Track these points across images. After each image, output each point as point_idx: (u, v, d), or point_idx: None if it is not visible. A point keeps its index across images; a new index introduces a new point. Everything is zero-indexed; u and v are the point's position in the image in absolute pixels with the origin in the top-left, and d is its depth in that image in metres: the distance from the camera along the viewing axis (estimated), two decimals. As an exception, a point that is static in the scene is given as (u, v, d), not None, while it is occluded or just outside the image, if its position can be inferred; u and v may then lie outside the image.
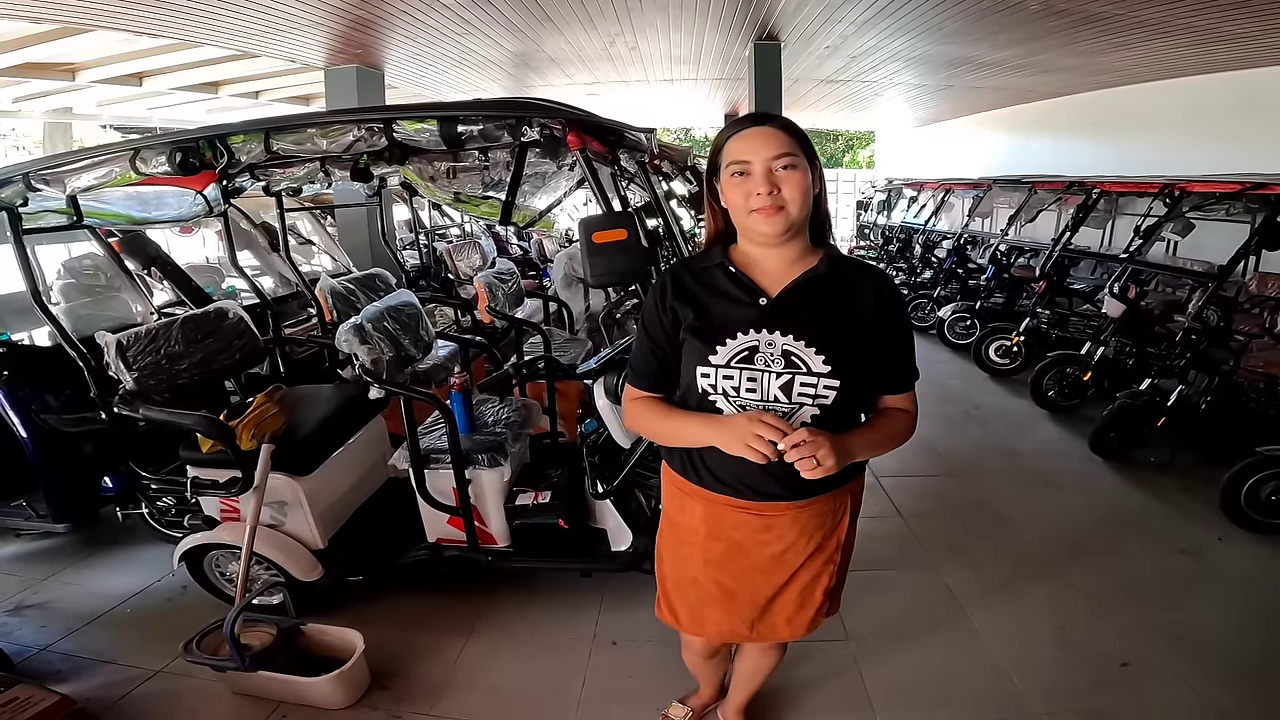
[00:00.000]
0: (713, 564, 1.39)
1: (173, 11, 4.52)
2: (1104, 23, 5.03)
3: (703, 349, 1.23)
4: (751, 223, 1.21)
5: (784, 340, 1.20)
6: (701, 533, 1.38)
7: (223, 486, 2.35)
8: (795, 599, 1.40)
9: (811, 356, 1.19)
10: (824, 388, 1.19)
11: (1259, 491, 3.03)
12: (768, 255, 1.27)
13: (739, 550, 1.36)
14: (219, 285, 4.81)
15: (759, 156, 1.18)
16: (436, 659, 2.33)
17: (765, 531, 1.33)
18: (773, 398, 1.21)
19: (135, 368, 2.36)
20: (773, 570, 1.37)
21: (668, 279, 1.32)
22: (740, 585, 1.39)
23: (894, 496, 3.44)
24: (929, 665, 2.28)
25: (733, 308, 1.25)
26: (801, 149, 1.20)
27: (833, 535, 1.37)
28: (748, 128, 1.21)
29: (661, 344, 1.31)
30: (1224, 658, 2.28)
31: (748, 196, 1.19)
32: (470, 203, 2.67)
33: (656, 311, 1.31)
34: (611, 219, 1.74)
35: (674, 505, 1.44)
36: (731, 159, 1.21)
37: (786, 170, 1.17)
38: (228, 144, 1.97)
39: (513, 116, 1.86)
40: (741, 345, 1.21)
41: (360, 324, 2.33)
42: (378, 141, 1.90)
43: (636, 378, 1.37)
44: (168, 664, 2.29)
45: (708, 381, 1.23)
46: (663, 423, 1.32)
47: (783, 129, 1.20)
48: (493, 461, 2.39)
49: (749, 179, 1.19)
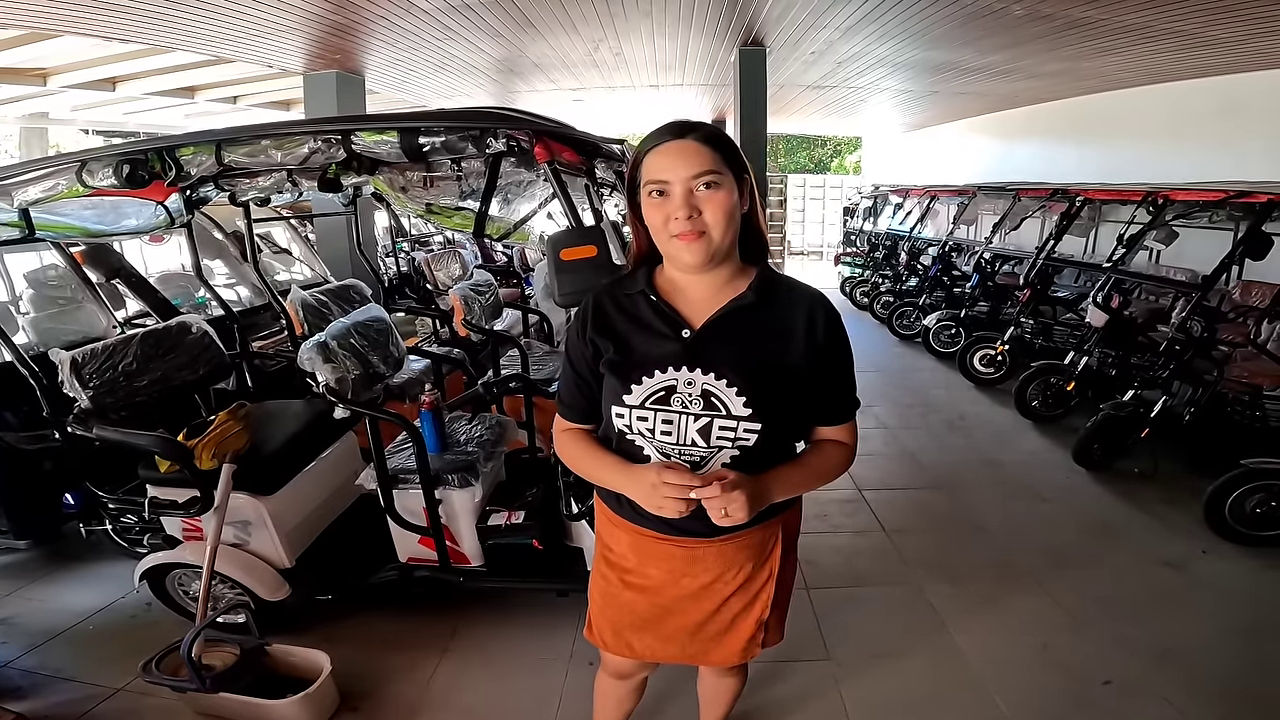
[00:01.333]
0: (643, 590, 1.35)
1: (141, 16, 4.43)
2: (1087, 28, 5.03)
3: (618, 387, 1.17)
4: (672, 249, 1.12)
5: (704, 379, 1.13)
6: (631, 560, 1.34)
7: (182, 507, 2.27)
8: (725, 626, 1.35)
9: (732, 398, 1.12)
10: (744, 431, 1.13)
11: (1244, 504, 3.01)
12: (692, 282, 1.19)
13: (668, 579, 1.32)
14: (193, 295, 4.70)
15: (678, 175, 1.08)
16: (409, 679, 2.29)
17: (691, 564, 1.29)
18: (689, 441, 1.15)
19: (91, 385, 2.31)
20: (702, 598, 1.32)
21: (589, 307, 1.24)
22: (671, 610, 1.35)
23: (877, 510, 3.41)
24: (910, 685, 2.25)
25: (653, 342, 1.17)
26: (728, 163, 1.10)
27: (764, 566, 1.31)
28: (666, 141, 1.10)
29: (585, 376, 1.25)
30: (1208, 674, 2.26)
31: (667, 220, 1.10)
32: (443, 214, 2.59)
33: (579, 342, 1.24)
34: (581, 235, 1.67)
35: (604, 532, 1.40)
36: (649, 177, 1.11)
37: (708, 190, 1.08)
38: (175, 156, 1.90)
39: (477, 128, 1.80)
40: (658, 384, 1.14)
41: (324, 341, 2.26)
42: (336, 154, 1.84)
43: (564, 408, 1.32)
44: (129, 682, 2.24)
45: (622, 422, 1.17)
46: (584, 461, 1.27)
47: (705, 142, 1.09)
48: (464, 482, 2.33)
49: (668, 200, 1.09)
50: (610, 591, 1.40)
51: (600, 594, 1.43)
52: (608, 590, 1.40)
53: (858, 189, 13.20)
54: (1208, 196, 3.85)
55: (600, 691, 1.74)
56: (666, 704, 2.11)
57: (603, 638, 1.45)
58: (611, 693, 1.70)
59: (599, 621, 1.45)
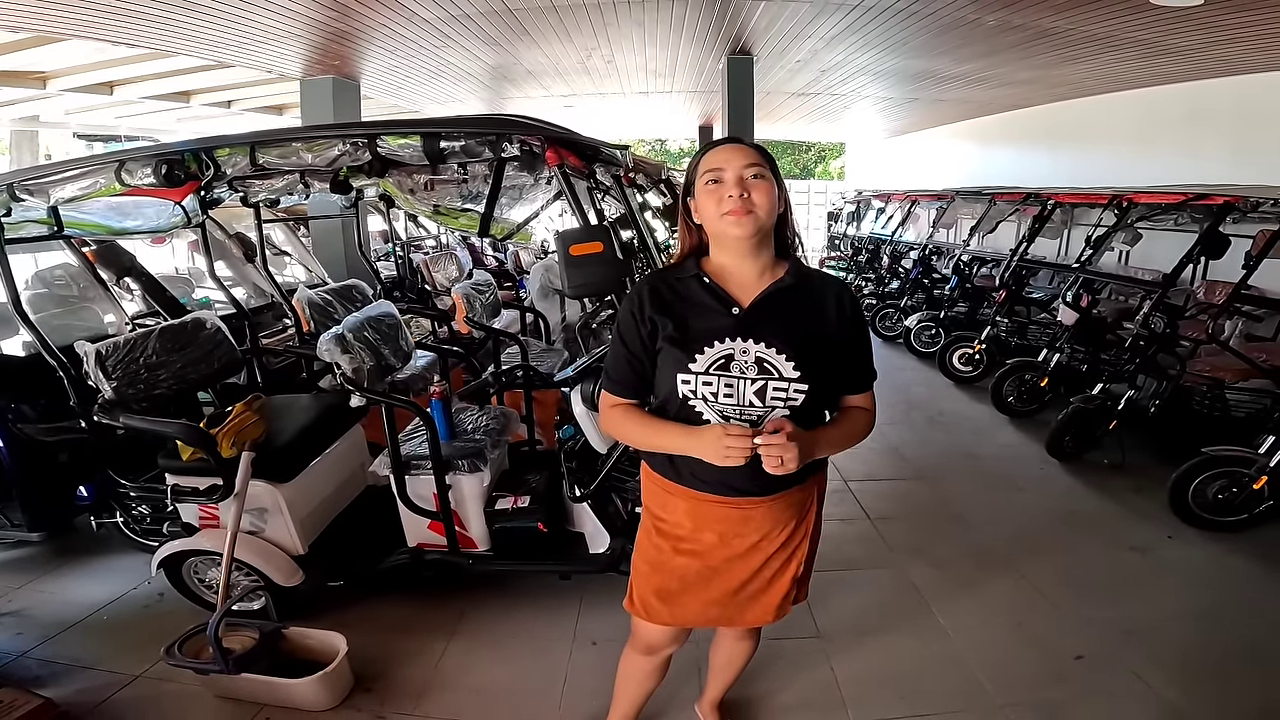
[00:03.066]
0: (697, 554, 1.47)
1: (148, 22, 4.50)
2: (1056, 37, 5.23)
3: (682, 357, 1.31)
4: (723, 226, 1.30)
5: (757, 348, 1.29)
6: (687, 526, 1.46)
7: (203, 494, 2.36)
8: (765, 584, 1.49)
9: (783, 363, 1.28)
10: (794, 391, 1.29)
11: (1205, 490, 3.17)
12: (739, 266, 1.36)
13: (721, 540, 1.45)
14: (190, 296, 4.77)
15: (732, 165, 1.29)
16: (419, 661, 2.36)
17: (744, 524, 1.43)
18: (748, 402, 1.30)
19: (114, 377, 2.37)
20: (750, 557, 1.46)
21: (645, 291, 1.39)
22: (719, 572, 1.48)
23: (862, 499, 3.55)
24: (897, 660, 2.37)
25: (708, 318, 1.33)
26: (769, 167, 1.32)
27: (801, 524, 1.48)
28: (723, 143, 1.34)
29: (638, 353, 1.38)
30: (1172, 651, 2.39)
31: (720, 201, 1.29)
32: (449, 215, 2.71)
33: (634, 322, 1.37)
34: (588, 232, 1.81)
35: (656, 503, 1.52)
36: (706, 168, 1.32)
37: (756, 179, 1.29)
38: (214, 157, 2.01)
39: (494, 133, 1.93)
40: (718, 353, 1.30)
41: (342, 334, 2.37)
42: (362, 156, 1.96)
43: (614, 385, 1.43)
44: (147, 669, 2.29)
45: (688, 388, 1.31)
46: (643, 430, 1.41)
47: (755, 148, 1.33)
48: (473, 467, 2.43)
49: (722, 186, 1.29)
50: (661, 560, 1.51)
51: (648, 563, 1.55)
52: (658, 559, 1.52)
53: (841, 194, 13.36)
54: (1169, 199, 4.03)
55: (625, 670, 1.82)
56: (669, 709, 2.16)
57: (646, 606, 1.56)
58: (636, 671, 1.79)
59: (643, 590, 1.56)
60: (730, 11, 5.03)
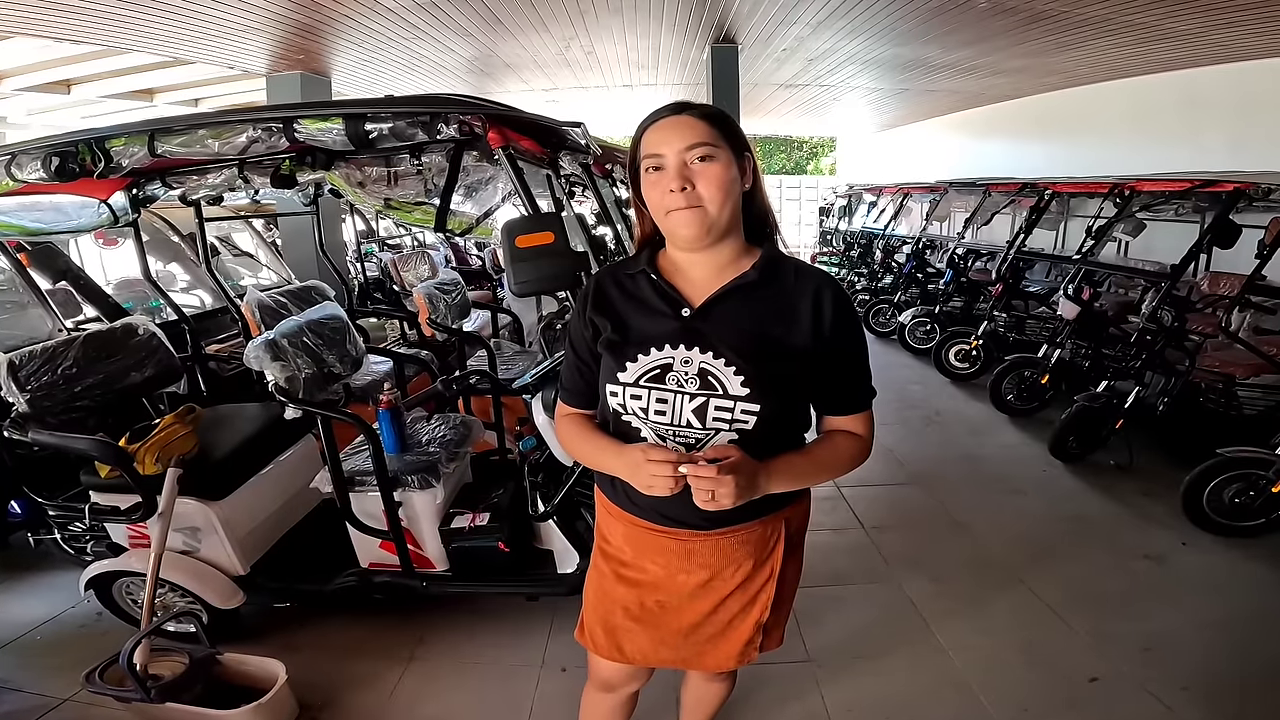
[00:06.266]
0: (638, 586, 1.28)
1: (92, 16, 4.28)
2: (1050, 21, 5.08)
3: (613, 365, 1.12)
4: (669, 224, 1.09)
5: (702, 358, 1.08)
6: (628, 552, 1.28)
7: (124, 513, 2.19)
8: (721, 628, 1.28)
9: (730, 377, 1.07)
10: (741, 412, 1.07)
11: (1221, 494, 3.00)
12: (694, 260, 1.15)
13: (666, 574, 1.25)
14: (149, 300, 4.54)
15: (671, 148, 1.06)
16: (372, 688, 2.21)
17: (687, 559, 1.21)
18: (684, 422, 1.09)
19: (29, 388, 2.19)
20: (699, 597, 1.25)
21: (590, 288, 1.22)
22: (665, 609, 1.28)
23: (855, 507, 3.36)
24: (893, 685, 2.20)
25: (651, 320, 1.14)
26: (726, 139, 1.07)
27: (765, 565, 1.24)
28: (663, 118, 1.09)
29: (585, 359, 1.21)
30: (1193, 668, 2.22)
31: (663, 195, 1.07)
32: (402, 209, 2.50)
33: (579, 323, 1.21)
34: (537, 221, 1.59)
35: (603, 524, 1.34)
36: (645, 152, 1.09)
37: (703, 163, 1.05)
38: (105, 148, 1.79)
39: (426, 113, 1.72)
40: (653, 362, 1.10)
41: (273, 339, 2.16)
42: (277, 143, 1.74)
43: (565, 393, 1.29)
44: (76, 693, 2.16)
45: (616, 401, 1.13)
46: (579, 443, 1.22)
47: (702, 117, 1.07)
48: (424, 483, 2.24)
49: (663, 174, 1.07)
50: (604, 586, 1.33)
51: (594, 589, 1.36)
52: (601, 584, 1.34)
53: (833, 189, 13.27)
54: (1174, 187, 3.87)
55: (586, 708, 1.63)
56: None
57: (594, 638, 1.37)
58: (597, 709, 1.59)
59: (591, 620, 1.37)
60: (712, -4, 4.85)
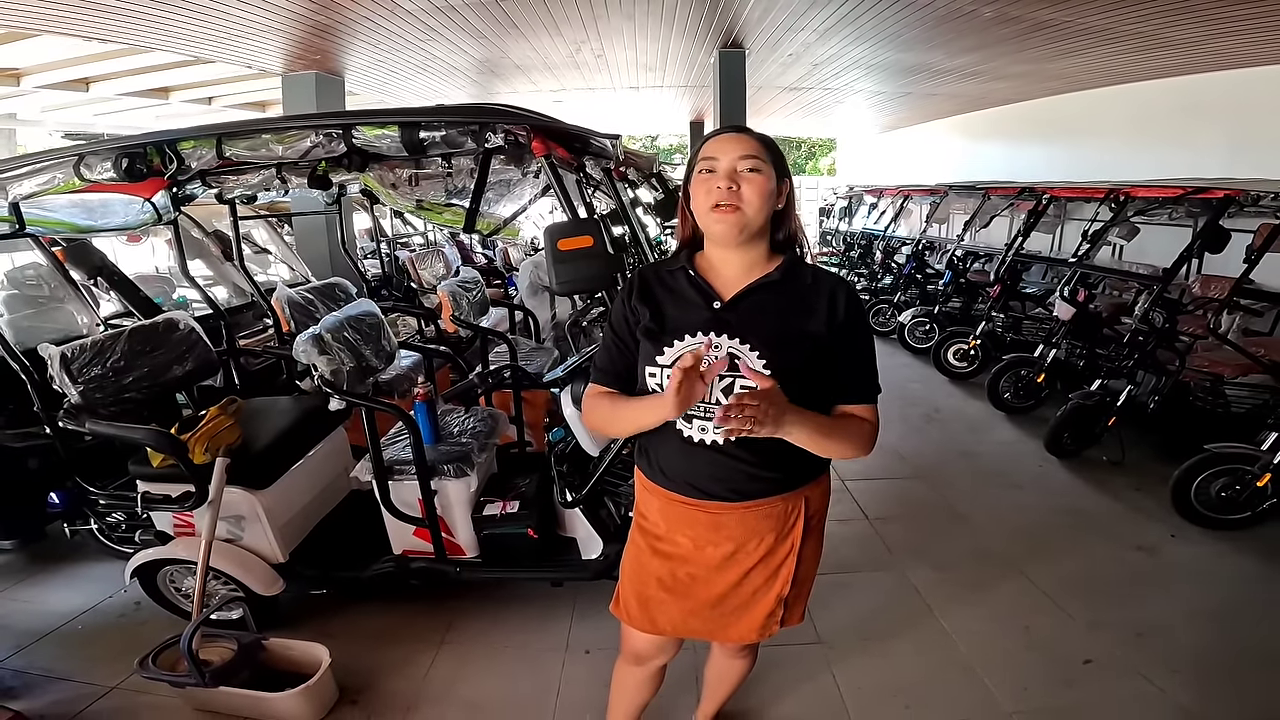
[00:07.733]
0: (672, 558, 1.41)
1: (124, 17, 4.37)
2: (1053, 29, 5.19)
3: (652, 350, 1.27)
4: (709, 221, 1.24)
5: (730, 344, 1.22)
6: (662, 527, 1.40)
7: (175, 501, 2.27)
8: (746, 600, 1.41)
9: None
10: None
11: (1208, 488, 3.12)
12: (726, 260, 1.29)
13: (695, 546, 1.37)
14: (169, 296, 4.64)
15: (726, 155, 1.21)
16: (407, 672, 2.29)
17: (715, 530, 1.34)
18: (714, 400, 1.23)
19: (80, 381, 2.29)
20: (725, 569, 1.38)
21: (636, 279, 1.36)
22: (696, 580, 1.40)
23: (859, 499, 3.48)
24: (901, 666, 2.30)
25: (686, 310, 1.28)
26: (773, 160, 1.24)
27: (786, 539, 1.35)
28: (724, 132, 1.26)
29: (626, 343, 1.34)
30: (1183, 653, 2.34)
31: (709, 193, 1.21)
32: (433, 210, 2.62)
33: (623, 309, 1.34)
34: (578, 226, 1.72)
35: (641, 500, 1.47)
36: (702, 156, 1.25)
37: (750, 173, 1.20)
38: (177, 149, 1.90)
39: (476, 122, 1.84)
40: (688, 347, 1.23)
41: (319, 334, 2.27)
42: (336, 147, 1.85)
43: (598, 374, 1.39)
44: (122, 680, 2.22)
45: (654, 381, 1.26)
46: (614, 412, 1.33)
47: (758, 139, 1.24)
48: (459, 472, 2.35)
49: (713, 176, 1.21)
50: (641, 559, 1.45)
51: (631, 562, 1.49)
52: (639, 558, 1.46)
53: (833, 190, 13.33)
54: (1167, 193, 3.98)
55: (617, 680, 1.75)
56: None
57: (628, 610, 1.50)
58: (628, 680, 1.72)
59: (627, 593, 1.50)
60: (722, 3, 4.95)
